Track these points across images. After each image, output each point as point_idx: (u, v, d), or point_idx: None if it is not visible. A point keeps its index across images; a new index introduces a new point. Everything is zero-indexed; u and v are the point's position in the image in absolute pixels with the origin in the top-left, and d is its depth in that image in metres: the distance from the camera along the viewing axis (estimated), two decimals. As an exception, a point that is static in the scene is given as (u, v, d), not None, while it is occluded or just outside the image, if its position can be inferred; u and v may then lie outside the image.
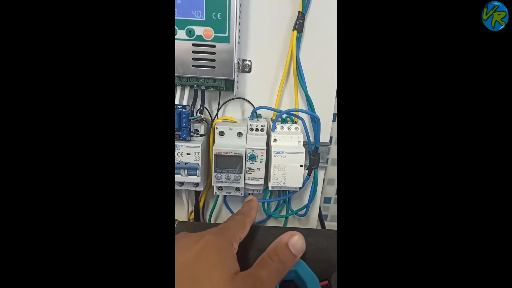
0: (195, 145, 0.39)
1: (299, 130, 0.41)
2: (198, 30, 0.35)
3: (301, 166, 0.40)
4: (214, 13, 0.34)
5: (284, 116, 0.42)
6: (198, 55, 0.36)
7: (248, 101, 0.42)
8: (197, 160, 0.39)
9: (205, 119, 0.41)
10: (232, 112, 0.43)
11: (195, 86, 0.38)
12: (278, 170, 0.40)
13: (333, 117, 0.44)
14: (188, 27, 0.35)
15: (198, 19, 0.35)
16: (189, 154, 0.39)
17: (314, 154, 0.43)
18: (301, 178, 0.41)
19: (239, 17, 0.37)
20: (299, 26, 0.39)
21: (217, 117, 0.42)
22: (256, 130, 0.40)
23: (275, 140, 0.40)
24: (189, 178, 0.40)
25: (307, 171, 0.44)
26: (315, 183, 0.45)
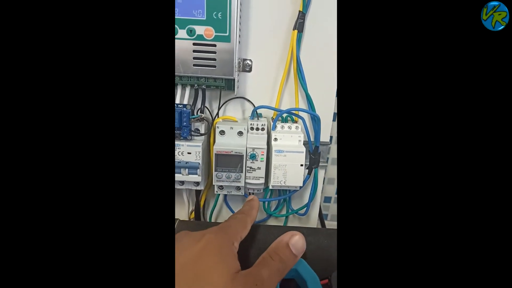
0: (195, 144, 0.39)
1: (300, 129, 0.41)
2: (199, 30, 0.35)
3: (302, 165, 0.40)
4: (215, 13, 0.34)
5: (284, 115, 0.42)
6: (199, 55, 0.36)
7: (248, 101, 0.42)
8: (198, 159, 0.39)
9: (206, 118, 0.41)
10: (233, 111, 0.43)
11: (196, 85, 0.38)
12: (279, 169, 0.40)
13: (333, 117, 0.44)
14: (189, 26, 0.35)
15: (199, 18, 0.35)
16: (190, 153, 0.39)
17: (314, 153, 0.43)
18: (302, 177, 0.41)
19: (240, 17, 0.37)
20: (299, 26, 0.39)
21: (218, 116, 0.42)
22: (257, 129, 0.40)
23: (276, 139, 0.41)
24: (190, 177, 0.40)
25: (307, 170, 0.44)
26: (316, 182, 0.45)
